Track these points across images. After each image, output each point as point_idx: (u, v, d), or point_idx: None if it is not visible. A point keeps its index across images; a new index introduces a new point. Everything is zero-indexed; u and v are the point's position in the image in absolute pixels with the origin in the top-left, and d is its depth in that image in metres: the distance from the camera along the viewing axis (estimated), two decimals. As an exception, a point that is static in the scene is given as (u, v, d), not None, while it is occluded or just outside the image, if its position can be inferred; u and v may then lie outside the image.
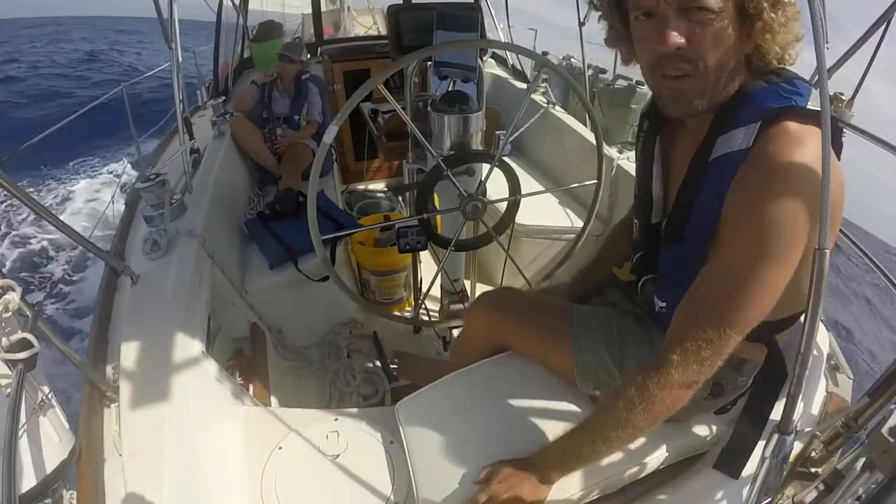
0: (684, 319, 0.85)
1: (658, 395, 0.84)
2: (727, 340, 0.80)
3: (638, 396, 0.86)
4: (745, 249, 0.78)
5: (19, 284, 0.93)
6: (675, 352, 0.83)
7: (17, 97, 12.23)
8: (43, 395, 0.97)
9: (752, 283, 0.78)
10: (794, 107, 0.78)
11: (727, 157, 0.83)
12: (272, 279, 2.05)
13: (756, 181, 0.78)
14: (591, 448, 0.94)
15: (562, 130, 2.83)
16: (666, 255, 1.01)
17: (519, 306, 1.28)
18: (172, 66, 1.88)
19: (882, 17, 1.36)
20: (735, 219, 0.81)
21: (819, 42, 0.53)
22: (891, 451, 0.76)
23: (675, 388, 0.83)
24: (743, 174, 0.80)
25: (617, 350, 1.11)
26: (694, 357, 0.81)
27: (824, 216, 0.54)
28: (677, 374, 0.82)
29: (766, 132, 0.78)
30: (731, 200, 0.81)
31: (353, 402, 1.91)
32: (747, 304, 0.79)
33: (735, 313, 0.80)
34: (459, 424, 1.13)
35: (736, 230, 0.80)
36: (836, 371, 1.27)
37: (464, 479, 1.02)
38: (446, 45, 1.39)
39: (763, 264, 0.77)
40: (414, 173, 1.71)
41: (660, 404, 0.85)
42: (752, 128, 0.80)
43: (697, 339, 0.81)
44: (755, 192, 0.77)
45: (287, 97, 3.07)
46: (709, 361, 0.81)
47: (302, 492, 1.11)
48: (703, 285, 0.84)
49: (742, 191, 0.80)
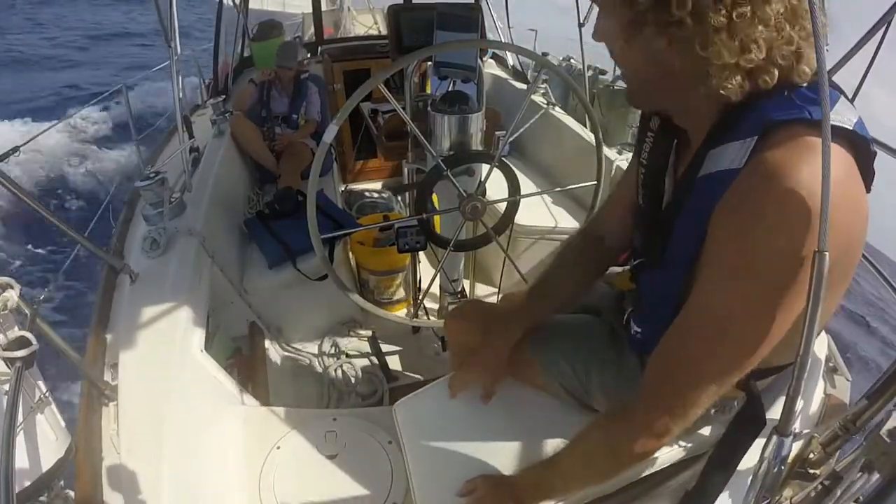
0: (656, 368, 0.77)
1: (624, 445, 0.79)
2: (705, 395, 0.71)
3: (604, 443, 0.82)
4: (730, 291, 0.67)
5: (18, 282, 0.93)
6: (644, 401, 0.76)
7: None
8: (41, 394, 0.97)
9: (748, 333, 0.66)
10: (806, 119, 0.62)
11: (714, 176, 0.69)
12: (271, 278, 2.05)
13: (749, 206, 0.64)
14: (562, 482, 0.91)
15: (561, 131, 2.83)
16: (644, 279, 0.94)
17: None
18: (171, 65, 1.88)
19: (882, 19, 1.37)
20: (719, 252, 0.68)
21: (819, 44, 0.53)
22: (889, 452, 0.76)
23: (643, 439, 0.77)
24: (732, 197, 0.66)
25: (582, 370, 1.07)
26: (664, 410, 0.74)
27: (824, 217, 0.53)
28: (644, 426, 0.76)
29: (764, 148, 0.64)
30: (714, 229, 0.68)
31: (351, 402, 1.91)
32: (737, 357, 0.68)
33: (719, 368, 0.69)
34: (458, 425, 1.13)
35: (720, 267, 0.68)
36: (835, 373, 1.27)
37: (461, 480, 1.02)
38: (446, 45, 1.39)
39: (763, 310, 0.65)
40: (413, 173, 1.71)
41: (625, 454, 0.79)
42: (747, 142, 0.66)
43: (669, 394, 0.73)
44: (745, 221, 0.64)
45: (286, 96, 3.07)
46: (681, 415, 0.73)
47: (300, 491, 1.11)
48: (678, 330, 0.74)
49: (729, 217, 0.66)
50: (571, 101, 3.30)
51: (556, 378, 1.10)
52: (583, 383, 1.07)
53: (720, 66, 0.63)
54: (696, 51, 0.63)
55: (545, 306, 1.14)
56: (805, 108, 0.63)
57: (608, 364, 1.05)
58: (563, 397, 1.12)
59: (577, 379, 1.08)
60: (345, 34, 5.82)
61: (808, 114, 0.63)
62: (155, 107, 7.20)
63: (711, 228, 0.68)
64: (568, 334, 1.13)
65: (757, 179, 0.63)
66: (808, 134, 0.62)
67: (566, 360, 1.08)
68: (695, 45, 0.63)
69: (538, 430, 1.11)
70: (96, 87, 11.14)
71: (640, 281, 0.95)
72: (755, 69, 0.64)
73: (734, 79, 0.64)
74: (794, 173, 0.60)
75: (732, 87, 0.65)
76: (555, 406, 1.14)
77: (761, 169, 0.63)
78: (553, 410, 1.14)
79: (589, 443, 0.85)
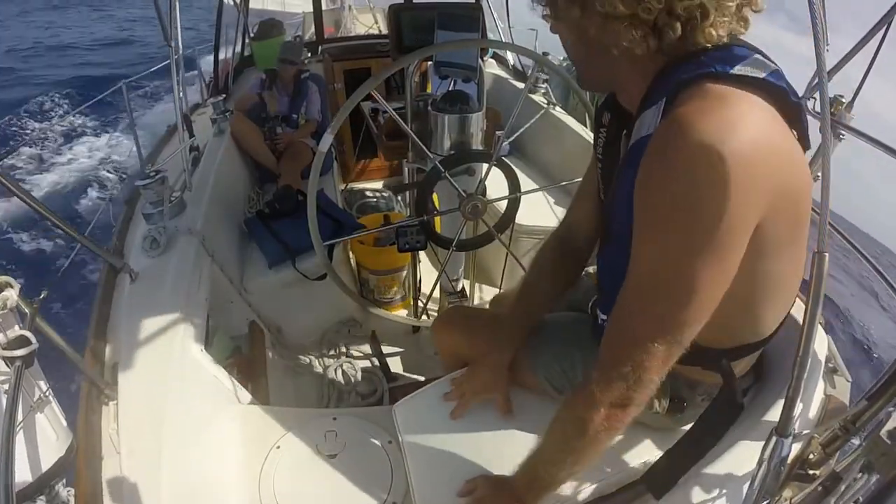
0: (606, 337, 0.77)
1: (586, 416, 0.76)
2: (651, 354, 0.69)
3: (571, 420, 0.80)
4: (658, 244, 0.67)
5: (17, 281, 0.93)
6: (598, 370, 0.75)
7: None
8: (41, 392, 0.97)
9: (671, 288, 0.66)
10: (710, 73, 0.64)
11: (638, 143, 0.72)
12: (271, 278, 2.05)
13: (661, 159, 0.64)
14: (545, 471, 0.89)
15: (562, 131, 2.83)
16: (600, 260, 0.94)
17: (472, 323, 1.25)
18: (171, 64, 1.88)
19: (883, 19, 1.36)
20: (643, 211, 0.69)
21: (819, 44, 0.53)
22: (889, 453, 0.76)
23: (605, 408, 0.74)
24: (647, 157, 0.66)
25: (570, 368, 1.07)
26: (616, 375, 0.72)
27: (823, 218, 0.53)
28: (600, 393, 0.74)
29: (672, 108, 0.65)
30: (637, 190, 0.69)
31: (351, 402, 1.91)
32: (669, 313, 0.68)
33: (655, 325, 0.69)
34: (457, 425, 1.13)
35: (646, 224, 0.69)
36: (834, 374, 1.27)
37: (461, 480, 1.02)
38: (447, 45, 1.39)
39: (681, 266, 0.65)
40: (414, 172, 1.71)
41: (592, 429, 0.76)
42: (659, 105, 0.68)
43: (619, 359, 0.72)
44: (661, 174, 0.64)
45: (286, 96, 3.07)
46: (633, 378, 0.71)
47: (299, 491, 1.11)
48: (620, 297, 0.74)
49: (646, 175, 0.67)
50: (572, 101, 3.30)
51: (547, 379, 1.10)
52: (569, 378, 1.08)
53: (619, 20, 0.65)
54: (598, 11, 0.66)
55: (533, 315, 1.15)
56: (711, 64, 0.65)
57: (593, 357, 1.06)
58: (549, 393, 1.12)
59: (563, 375, 1.09)
60: (345, 33, 5.82)
61: (713, 69, 0.64)
62: (155, 106, 7.21)
63: (635, 190, 0.69)
64: (556, 334, 1.14)
65: (665, 136, 0.64)
66: (715, 82, 0.63)
67: (556, 360, 1.09)
68: (595, 5, 0.66)
69: (537, 429, 1.11)
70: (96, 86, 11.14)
71: (599, 267, 0.96)
72: (657, 23, 0.65)
73: (634, 31, 0.66)
74: (697, 124, 0.60)
75: (635, 39, 0.66)
76: (552, 405, 1.14)
77: (669, 125, 0.64)
78: (551, 410, 1.14)
79: (559, 424, 0.84)
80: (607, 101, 0.92)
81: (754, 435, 1.07)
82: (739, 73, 0.64)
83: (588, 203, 1.07)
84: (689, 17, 0.64)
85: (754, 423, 1.09)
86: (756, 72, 0.65)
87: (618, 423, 0.77)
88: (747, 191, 0.60)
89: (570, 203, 1.17)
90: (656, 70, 0.71)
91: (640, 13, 0.64)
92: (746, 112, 0.62)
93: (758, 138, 0.60)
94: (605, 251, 0.90)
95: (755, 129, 0.61)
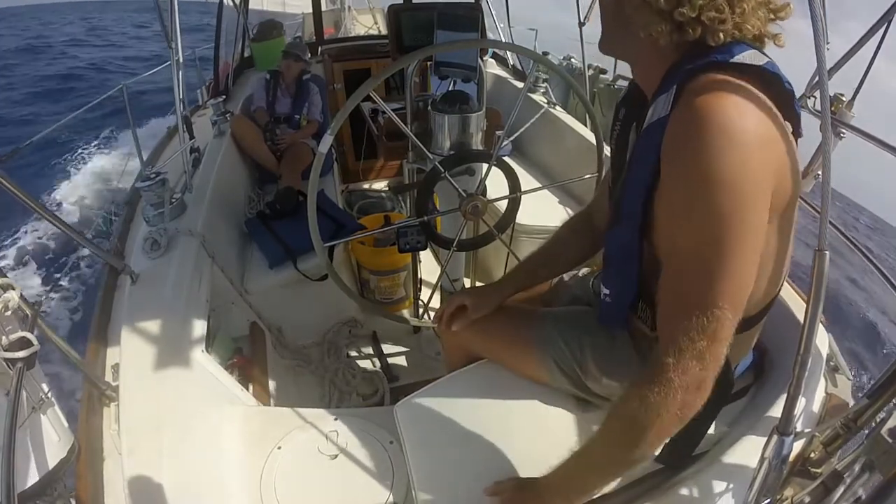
0: (666, 318, 0.78)
1: (664, 405, 0.74)
2: (721, 322, 0.72)
3: (642, 412, 0.76)
4: (698, 220, 0.72)
5: (19, 283, 0.93)
6: (669, 354, 0.74)
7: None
8: (42, 394, 0.97)
9: (722, 256, 0.71)
10: (712, 62, 0.74)
11: (651, 126, 0.79)
12: (272, 278, 2.05)
13: (680, 148, 0.73)
14: (598, 475, 0.88)
15: (562, 130, 2.83)
16: (609, 239, 0.98)
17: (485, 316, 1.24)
18: (172, 66, 1.88)
19: (882, 17, 1.36)
20: (673, 198, 0.76)
21: (819, 42, 0.53)
22: (890, 451, 0.76)
23: (682, 393, 0.74)
24: (666, 146, 0.74)
25: (577, 347, 1.10)
26: (690, 352, 0.73)
27: (823, 217, 0.54)
28: (678, 377, 0.73)
29: (683, 93, 0.74)
30: (663, 178, 0.77)
31: (352, 402, 1.91)
32: (725, 277, 0.72)
33: (715, 289, 0.72)
34: (459, 425, 1.13)
35: (681, 204, 0.74)
36: (836, 372, 1.27)
37: (463, 480, 1.02)
38: (447, 45, 1.39)
39: (724, 234, 0.70)
40: (414, 173, 1.71)
41: (666, 414, 0.75)
42: (671, 92, 0.77)
43: (688, 332, 0.73)
44: (683, 161, 0.72)
45: (288, 97, 3.07)
46: (709, 352, 0.73)
47: (301, 491, 1.11)
48: (674, 276, 0.78)
49: (669, 163, 0.75)
50: (572, 101, 3.30)
51: (551, 354, 1.11)
52: (577, 360, 1.09)
53: (655, 11, 0.75)
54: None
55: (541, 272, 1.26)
56: (713, 55, 0.75)
57: (601, 342, 1.09)
58: (557, 380, 1.12)
59: (571, 356, 1.10)
60: (345, 34, 5.84)
61: (715, 57, 0.74)
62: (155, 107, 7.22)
63: (661, 176, 0.77)
64: (562, 317, 1.17)
65: (682, 121, 0.73)
66: (716, 72, 0.73)
67: (561, 336, 1.11)
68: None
69: (538, 428, 1.12)
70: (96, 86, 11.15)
71: (606, 245, 1.00)
72: (684, 23, 0.74)
73: (663, 25, 0.75)
74: (716, 107, 0.69)
75: (661, 32, 0.76)
76: (554, 404, 1.15)
77: (688, 112, 0.72)
78: (552, 409, 1.14)
79: (626, 422, 0.80)
80: (625, 98, 1.00)
81: (756, 433, 1.07)
82: (738, 61, 0.73)
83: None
84: (711, 25, 0.73)
85: (756, 422, 1.09)
86: (754, 60, 0.74)
87: (690, 412, 0.76)
88: (764, 166, 0.69)
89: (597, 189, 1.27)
90: (673, 61, 0.80)
91: (675, 15, 0.73)
92: (737, 92, 0.70)
93: (746, 114, 0.69)
94: (615, 230, 0.93)
95: (747, 107, 0.70)
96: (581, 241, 1.23)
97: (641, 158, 0.81)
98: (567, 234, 1.26)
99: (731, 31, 0.74)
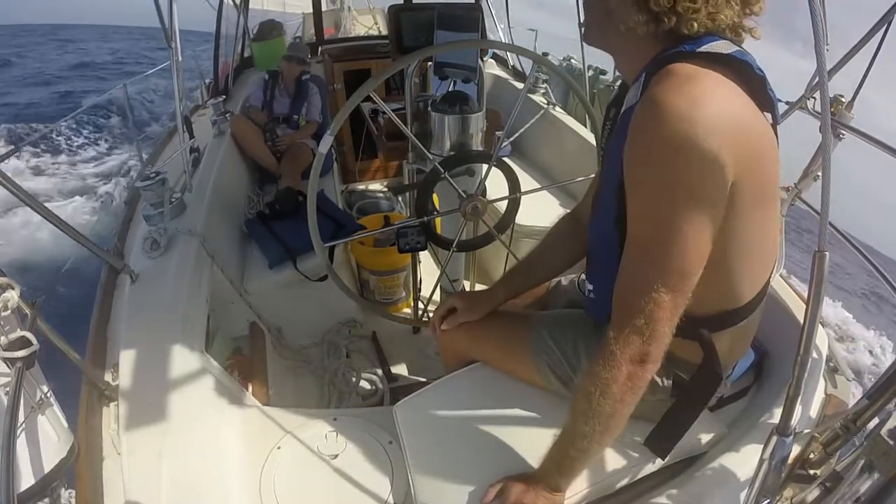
0: (615, 297, 0.83)
1: (609, 376, 0.80)
2: (659, 304, 0.76)
3: (591, 384, 0.82)
4: (647, 206, 0.76)
5: (18, 283, 0.93)
6: (612, 328, 0.80)
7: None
8: (42, 394, 0.97)
9: (661, 237, 0.75)
10: (680, 52, 0.76)
11: (624, 115, 0.82)
12: (272, 278, 2.05)
13: (634, 133, 0.75)
14: (575, 449, 0.90)
15: (562, 131, 2.83)
16: (590, 234, 1.01)
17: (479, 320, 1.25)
18: (172, 66, 1.88)
19: (882, 19, 1.36)
20: (631, 179, 0.78)
21: (819, 44, 0.53)
22: (890, 452, 0.76)
23: (626, 365, 0.79)
24: (631, 129, 0.76)
25: (570, 350, 1.10)
26: (630, 328, 0.78)
27: (823, 218, 0.54)
28: (619, 351, 0.79)
29: (651, 83, 0.76)
30: (626, 163, 0.79)
31: (352, 403, 1.91)
32: (665, 258, 0.75)
33: (656, 273, 0.76)
34: (458, 425, 1.13)
35: (635, 190, 0.78)
36: (835, 373, 1.27)
37: (462, 481, 1.02)
38: (446, 46, 1.39)
39: (669, 214, 0.73)
40: (414, 173, 1.71)
41: (615, 385, 0.80)
42: (640, 80, 0.80)
43: (629, 309, 0.78)
44: (643, 143, 0.74)
45: (287, 97, 3.07)
46: (648, 329, 0.77)
47: (300, 492, 1.11)
48: (624, 258, 0.82)
49: (631, 146, 0.77)
50: (572, 101, 3.30)
51: (545, 358, 1.11)
52: (571, 364, 1.09)
53: (634, 1, 0.77)
54: None
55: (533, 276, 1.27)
56: (682, 45, 0.76)
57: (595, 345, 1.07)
58: (552, 384, 1.12)
59: (565, 361, 1.10)
60: (345, 34, 5.83)
61: (683, 48, 0.75)
62: (155, 107, 7.22)
63: (625, 164, 0.79)
64: (556, 320, 1.17)
65: (643, 114, 0.74)
66: (684, 60, 0.74)
67: (554, 340, 1.12)
68: None
69: (537, 428, 1.12)
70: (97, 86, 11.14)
71: (590, 238, 1.03)
72: (660, 13, 0.76)
73: (640, 16, 0.77)
74: (669, 101, 0.70)
75: (638, 22, 0.78)
76: (552, 404, 1.15)
77: (645, 104, 0.74)
78: (551, 409, 1.14)
79: (582, 394, 0.85)
80: (616, 99, 1.00)
81: (755, 434, 1.07)
82: (706, 50, 0.74)
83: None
84: (686, 15, 0.75)
85: (755, 423, 1.09)
86: (722, 49, 0.75)
87: (639, 382, 0.81)
88: (716, 153, 0.69)
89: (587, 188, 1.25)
90: (653, 54, 0.81)
91: (651, 4, 0.75)
92: (710, 88, 0.72)
93: (720, 110, 0.70)
94: (594, 222, 0.96)
95: (718, 101, 0.71)
96: (572, 242, 1.23)
97: (613, 149, 0.84)
98: (558, 236, 1.27)
99: (705, 22, 0.75)
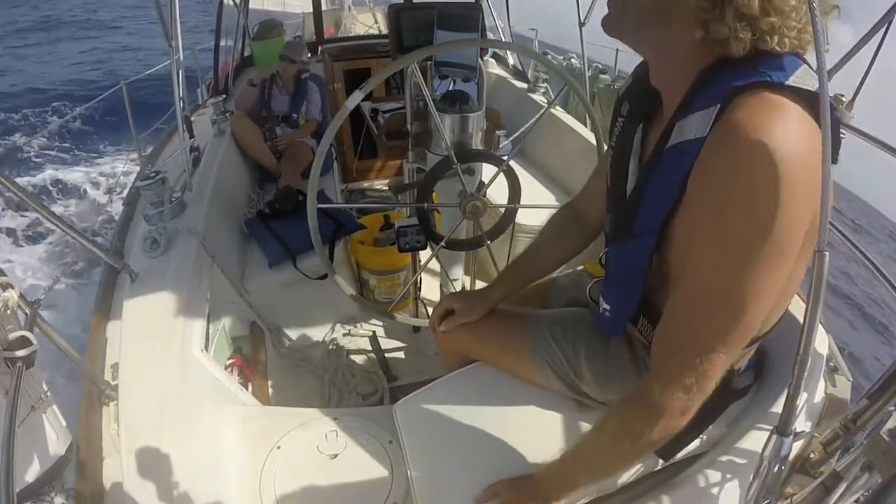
0: (662, 345, 0.77)
1: (645, 428, 0.77)
2: (714, 364, 0.71)
3: (622, 430, 0.80)
4: (719, 258, 0.67)
5: (18, 282, 0.93)
6: (657, 381, 0.75)
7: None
8: (41, 393, 0.97)
9: (735, 298, 0.67)
10: (766, 82, 0.64)
11: (681, 146, 0.71)
12: (272, 278, 2.05)
13: (719, 172, 0.64)
14: (586, 474, 0.90)
15: (562, 131, 2.83)
16: (613, 253, 0.95)
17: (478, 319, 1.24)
18: (172, 65, 1.88)
19: (883, 18, 1.36)
20: (701, 223, 0.69)
21: (819, 42, 0.53)
22: (889, 452, 0.76)
23: (664, 419, 0.75)
24: (703, 167, 0.67)
25: (570, 351, 1.09)
26: (678, 385, 0.72)
27: (823, 217, 0.53)
28: (662, 407, 0.74)
29: (726, 113, 0.65)
30: (690, 201, 0.70)
31: (351, 402, 1.91)
32: (733, 322, 0.69)
33: (719, 334, 0.70)
34: (458, 424, 1.13)
35: (703, 229, 0.68)
36: (835, 373, 1.27)
37: (462, 480, 1.02)
38: (446, 45, 1.39)
39: (744, 274, 0.65)
40: (414, 172, 1.71)
41: (647, 437, 0.77)
42: (709, 112, 0.67)
43: (680, 367, 0.72)
44: (720, 176, 0.64)
45: (286, 95, 3.07)
46: (697, 387, 0.72)
47: (300, 491, 1.11)
48: (676, 306, 0.75)
49: (702, 189, 0.68)
50: (572, 101, 3.30)
51: (545, 358, 1.11)
52: (571, 363, 1.08)
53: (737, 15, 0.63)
54: None
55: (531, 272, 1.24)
56: (766, 72, 0.64)
57: (596, 345, 1.08)
58: (552, 383, 1.12)
59: (565, 360, 1.09)
60: (345, 33, 5.83)
61: (768, 77, 0.64)
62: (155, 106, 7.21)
63: (687, 200, 0.71)
64: (557, 319, 1.16)
65: (724, 137, 0.64)
66: (771, 92, 0.63)
67: (555, 340, 1.11)
68: None
69: (537, 428, 1.12)
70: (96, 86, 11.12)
71: (609, 258, 0.97)
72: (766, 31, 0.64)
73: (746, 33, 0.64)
74: (757, 126, 0.61)
75: (743, 39, 0.64)
76: (552, 404, 1.15)
77: (727, 127, 0.64)
78: (551, 409, 1.14)
79: (608, 433, 0.84)
80: (629, 91, 0.91)
81: (755, 434, 1.07)
82: (794, 84, 0.64)
83: (601, 187, 1.05)
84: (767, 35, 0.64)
85: (755, 422, 1.09)
86: (807, 84, 0.64)
87: (673, 431, 0.77)
88: (801, 195, 0.61)
89: (587, 180, 1.21)
90: (703, 65, 0.70)
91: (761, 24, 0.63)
92: (800, 122, 0.62)
93: (809, 149, 0.61)
94: (623, 248, 0.88)
95: (808, 139, 0.61)
96: (570, 237, 1.20)
97: (665, 178, 0.74)
98: (555, 231, 1.23)
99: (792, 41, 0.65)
